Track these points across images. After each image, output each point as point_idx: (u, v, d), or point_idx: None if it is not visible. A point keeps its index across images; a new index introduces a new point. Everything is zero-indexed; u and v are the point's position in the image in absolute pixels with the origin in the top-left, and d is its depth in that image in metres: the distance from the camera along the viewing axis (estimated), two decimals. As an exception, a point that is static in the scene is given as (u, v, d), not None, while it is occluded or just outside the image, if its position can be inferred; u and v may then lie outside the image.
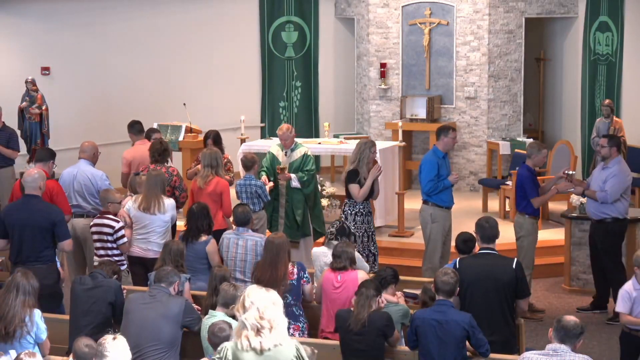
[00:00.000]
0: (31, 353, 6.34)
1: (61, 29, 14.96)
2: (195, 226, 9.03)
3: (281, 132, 11.06)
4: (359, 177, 10.38)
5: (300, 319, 8.16)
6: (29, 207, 8.73)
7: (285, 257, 8.14)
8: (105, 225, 9.24)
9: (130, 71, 15.54)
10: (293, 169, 11.05)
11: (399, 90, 15.51)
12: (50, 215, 8.73)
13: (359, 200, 10.39)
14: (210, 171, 10.09)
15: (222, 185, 10.06)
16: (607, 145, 10.32)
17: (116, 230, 9.21)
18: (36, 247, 8.68)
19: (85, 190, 10.13)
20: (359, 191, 10.36)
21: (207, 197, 9.95)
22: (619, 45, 14.74)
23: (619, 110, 14.70)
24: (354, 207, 10.45)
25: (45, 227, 8.68)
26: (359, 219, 10.46)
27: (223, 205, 10.05)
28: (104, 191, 9.60)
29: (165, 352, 7.34)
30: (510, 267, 7.62)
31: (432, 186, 10.33)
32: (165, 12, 15.81)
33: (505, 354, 7.30)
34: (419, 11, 15.29)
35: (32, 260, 8.65)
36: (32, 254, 8.69)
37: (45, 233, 8.69)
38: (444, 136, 10.44)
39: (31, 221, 8.66)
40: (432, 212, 10.45)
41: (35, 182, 8.79)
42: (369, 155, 10.46)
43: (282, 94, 16.83)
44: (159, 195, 9.46)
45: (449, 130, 10.49)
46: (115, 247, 9.25)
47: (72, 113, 14.92)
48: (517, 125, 15.46)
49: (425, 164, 10.43)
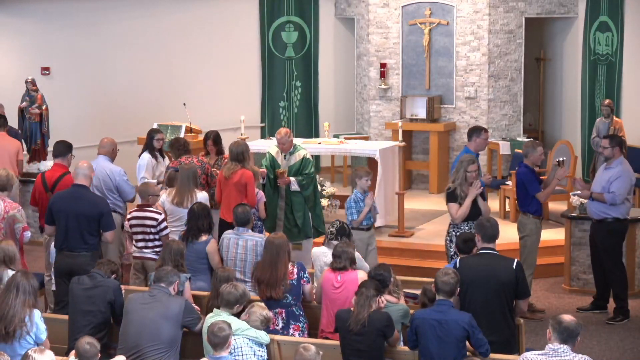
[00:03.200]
0: (40, 349, 6.37)
1: (61, 29, 14.96)
2: (195, 226, 9.05)
3: (279, 136, 11.02)
4: (458, 196, 9.59)
5: (300, 319, 8.16)
6: (77, 196, 9.01)
7: (285, 257, 8.14)
8: (148, 217, 9.51)
9: (131, 71, 15.54)
10: (292, 172, 11.03)
11: (399, 90, 15.51)
12: (98, 206, 9.03)
13: (457, 220, 9.58)
14: (238, 164, 10.23)
15: (247, 176, 10.18)
16: (609, 145, 10.27)
17: (159, 222, 9.51)
18: (82, 235, 8.93)
19: (104, 185, 10.33)
20: (456, 211, 9.57)
21: (232, 187, 10.14)
22: (619, 45, 14.73)
23: (619, 110, 14.69)
24: (458, 229, 9.58)
25: (92, 216, 8.94)
26: None
27: (247, 195, 10.17)
28: (144, 184, 9.95)
29: (165, 352, 7.34)
30: (511, 267, 7.61)
31: None
32: (166, 12, 15.81)
33: (505, 354, 7.30)
34: (419, 11, 15.28)
35: (77, 247, 8.92)
36: (78, 241, 8.93)
37: (92, 222, 8.96)
38: (476, 137, 10.31)
39: (78, 210, 8.92)
40: None
41: (85, 171, 9.13)
42: (469, 173, 9.53)
43: (282, 94, 16.83)
44: (192, 189, 9.84)
45: (481, 131, 10.37)
46: (157, 239, 9.50)
47: (72, 113, 14.92)
48: (517, 125, 15.46)
49: None
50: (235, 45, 16.39)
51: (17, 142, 12.69)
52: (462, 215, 9.52)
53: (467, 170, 9.50)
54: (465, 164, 9.53)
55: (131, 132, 14.56)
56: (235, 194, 10.04)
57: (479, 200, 9.59)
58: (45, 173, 10.21)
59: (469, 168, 9.51)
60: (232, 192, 10.08)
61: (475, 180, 9.54)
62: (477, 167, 9.58)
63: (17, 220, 9.17)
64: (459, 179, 9.54)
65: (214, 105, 15.90)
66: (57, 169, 10.07)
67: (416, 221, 13.22)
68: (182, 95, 14.85)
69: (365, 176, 10.22)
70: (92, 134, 14.99)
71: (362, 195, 10.22)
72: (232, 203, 9.78)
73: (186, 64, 15.99)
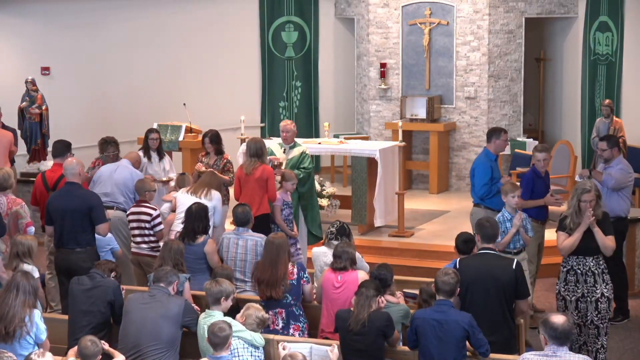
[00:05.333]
0: (42, 353, 6.37)
1: (61, 29, 14.95)
2: (191, 227, 9.04)
3: (285, 124, 11.22)
4: (567, 225, 8.36)
5: (300, 319, 8.16)
6: (69, 193, 9.14)
7: (285, 257, 8.14)
8: (143, 213, 9.75)
9: (130, 71, 15.54)
10: (290, 165, 11.10)
11: (399, 90, 15.51)
12: (87, 200, 9.13)
13: (562, 252, 8.40)
14: (257, 160, 10.37)
15: (268, 171, 10.38)
16: (607, 147, 10.25)
17: (153, 218, 9.75)
18: (75, 231, 9.05)
19: (123, 185, 10.46)
20: (562, 240, 8.35)
21: (254, 183, 10.30)
22: (619, 45, 14.74)
23: (619, 110, 14.70)
24: (566, 263, 8.48)
25: (83, 211, 9.04)
26: (571, 279, 8.45)
27: (268, 190, 10.33)
28: (140, 181, 10.13)
29: (165, 352, 7.34)
30: (510, 267, 7.61)
31: (486, 190, 10.05)
32: (166, 12, 15.80)
33: (505, 354, 7.30)
34: (419, 11, 15.29)
35: (71, 244, 9.06)
36: (71, 238, 9.06)
37: (83, 217, 9.06)
38: (496, 138, 10.22)
39: (71, 207, 9.05)
40: (483, 215, 10.08)
41: (74, 169, 9.22)
42: (583, 202, 8.28)
43: (282, 94, 16.83)
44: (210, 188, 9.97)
45: (501, 132, 10.27)
46: (152, 234, 9.71)
47: (72, 113, 14.91)
48: (517, 125, 15.46)
49: (478, 168, 10.17)
50: (235, 45, 16.39)
51: (9, 133, 12.86)
52: (568, 246, 8.31)
53: (581, 199, 8.27)
54: (579, 192, 8.30)
55: (131, 132, 14.55)
56: (257, 190, 10.26)
57: (596, 233, 8.28)
58: (45, 173, 10.27)
59: (582, 197, 8.26)
60: (254, 188, 10.28)
61: (589, 210, 8.21)
62: (593, 197, 8.27)
63: (20, 216, 9.23)
64: (571, 208, 8.33)
65: (214, 105, 15.90)
66: (57, 168, 10.14)
67: (416, 221, 13.22)
68: (182, 95, 14.84)
69: (511, 192, 9.20)
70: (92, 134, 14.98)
71: (510, 214, 9.16)
72: (255, 198, 10.13)
73: (186, 64, 15.99)
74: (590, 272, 8.33)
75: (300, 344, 7.34)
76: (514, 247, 9.15)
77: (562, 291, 8.45)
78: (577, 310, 8.33)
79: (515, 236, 9.11)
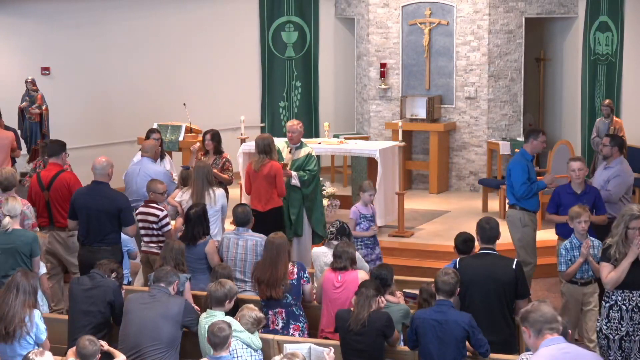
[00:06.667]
0: (40, 352, 6.37)
1: (61, 29, 14.96)
2: (191, 232, 9.05)
3: (291, 124, 11.26)
4: (612, 256, 7.52)
5: (300, 319, 8.16)
6: (96, 192, 9.17)
7: (285, 257, 8.15)
8: (150, 214, 9.74)
9: (130, 71, 15.54)
10: (295, 167, 11.09)
11: (399, 90, 15.51)
12: (116, 202, 9.15)
13: (607, 286, 7.52)
14: (266, 157, 10.49)
15: (276, 167, 10.52)
16: (609, 144, 10.28)
17: (161, 219, 9.70)
18: (102, 230, 9.11)
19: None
20: (607, 272, 7.49)
21: (262, 179, 10.46)
22: (619, 45, 14.73)
23: (619, 110, 14.69)
24: (609, 298, 7.60)
25: (111, 212, 9.08)
26: (615, 316, 7.55)
27: (277, 186, 10.49)
28: (150, 181, 10.09)
29: (165, 352, 7.34)
30: (510, 267, 7.61)
31: (525, 189, 9.92)
32: (166, 12, 15.81)
33: (505, 354, 7.30)
34: (419, 11, 15.29)
35: (98, 242, 9.12)
36: (98, 236, 9.11)
37: (112, 218, 9.09)
38: (534, 139, 10.14)
39: (98, 206, 9.08)
40: (521, 216, 10.09)
41: (104, 169, 9.23)
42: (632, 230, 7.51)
43: (282, 94, 16.83)
44: (207, 188, 9.97)
45: (539, 134, 10.20)
46: (160, 234, 9.69)
47: (72, 113, 14.92)
48: (517, 125, 15.46)
49: (515, 168, 10.08)
50: (235, 45, 16.39)
51: (10, 133, 12.89)
52: (614, 279, 7.45)
53: (629, 226, 7.49)
54: (627, 218, 7.51)
55: (131, 132, 14.56)
56: (265, 186, 10.45)
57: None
58: (40, 172, 10.26)
59: (631, 224, 7.49)
60: (263, 184, 10.45)
61: (638, 237, 7.40)
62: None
63: (26, 216, 9.22)
64: (616, 235, 7.52)
65: (214, 105, 15.90)
66: (52, 168, 10.12)
67: (416, 221, 13.23)
68: (182, 95, 14.84)
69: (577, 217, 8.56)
70: (92, 134, 15.02)
71: (579, 240, 8.52)
72: (263, 194, 10.39)
73: (186, 64, 15.99)
74: (637, 309, 7.51)
75: (300, 344, 7.34)
76: (581, 277, 8.62)
77: (604, 329, 7.57)
78: (620, 350, 7.52)
79: (583, 265, 8.51)
